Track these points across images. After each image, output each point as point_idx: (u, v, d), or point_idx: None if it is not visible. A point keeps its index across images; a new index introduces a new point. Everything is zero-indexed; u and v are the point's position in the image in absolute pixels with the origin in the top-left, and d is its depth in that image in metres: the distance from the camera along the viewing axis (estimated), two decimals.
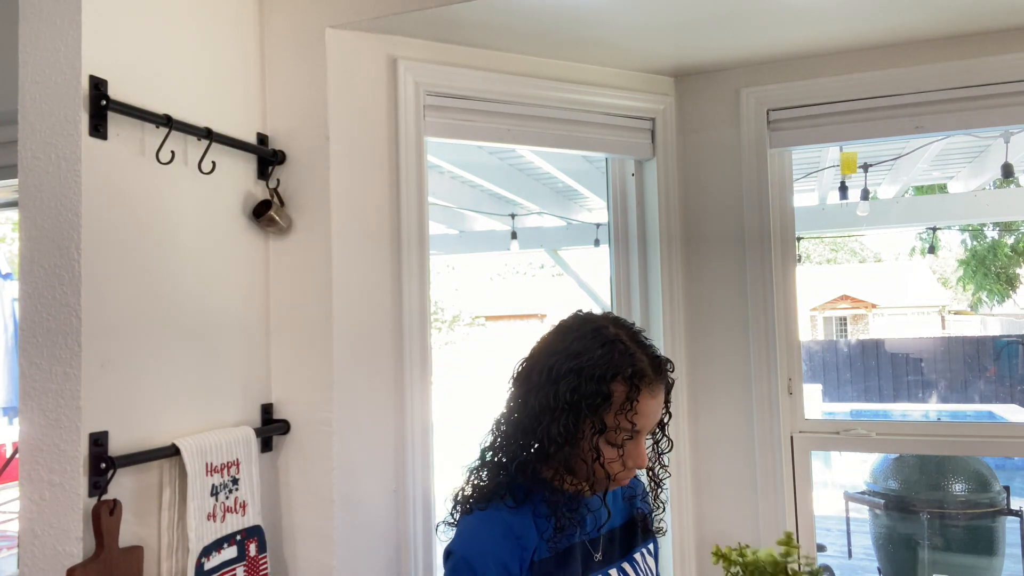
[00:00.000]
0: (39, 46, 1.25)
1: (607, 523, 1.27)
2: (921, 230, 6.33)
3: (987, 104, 1.78)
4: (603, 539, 1.28)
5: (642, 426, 1.18)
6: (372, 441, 1.62)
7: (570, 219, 5.51)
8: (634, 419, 1.15)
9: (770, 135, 1.94)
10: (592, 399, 1.14)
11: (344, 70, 1.62)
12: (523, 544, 1.16)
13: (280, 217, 1.58)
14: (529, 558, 1.15)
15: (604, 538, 1.28)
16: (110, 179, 1.27)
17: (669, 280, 1.98)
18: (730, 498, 1.95)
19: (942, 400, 10.69)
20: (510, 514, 1.18)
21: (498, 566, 1.12)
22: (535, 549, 1.16)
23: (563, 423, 1.15)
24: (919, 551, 3.64)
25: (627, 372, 1.16)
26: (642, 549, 1.34)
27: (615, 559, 1.28)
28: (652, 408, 1.19)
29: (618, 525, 1.32)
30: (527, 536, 1.17)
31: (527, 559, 1.15)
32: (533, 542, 1.16)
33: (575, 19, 1.64)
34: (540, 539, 1.17)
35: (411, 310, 1.66)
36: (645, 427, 1.19)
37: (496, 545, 1.15)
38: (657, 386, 1.19)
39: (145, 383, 1.32)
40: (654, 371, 1.19)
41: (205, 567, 1.33)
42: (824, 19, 1.68)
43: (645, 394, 1.16)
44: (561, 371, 1.17)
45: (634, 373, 1.16)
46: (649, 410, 1.18)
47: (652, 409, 1.19)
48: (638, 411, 1.15)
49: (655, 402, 1.19)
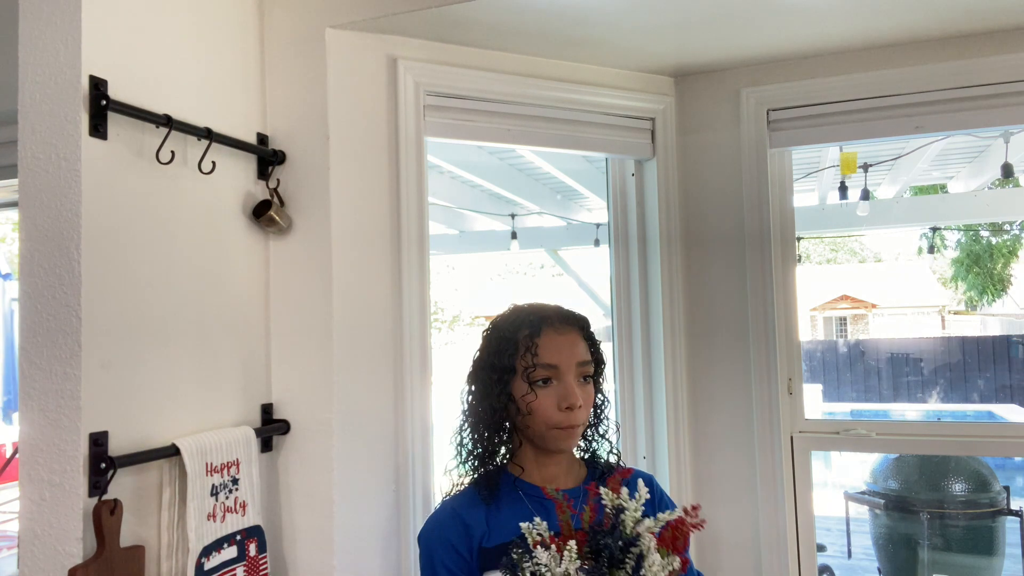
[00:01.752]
0: (39, 46, 1.25)
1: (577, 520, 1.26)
2: (924, 230, 6.33)
3: (987, 104, 1.78)
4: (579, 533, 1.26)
5: (553, 360, 1.26)
6: (372, 441, 1.62)
7: (570, 219, 5.51)
8: (539, 352, 1.26)
9: (770, 135, 1.94)
10: (502, 350, 1.29)
11: (344, 70, 1.62)
12: (470, 531, 1.27)
13: (280, 217, 1.58)
14: (476, 544, 1.26)
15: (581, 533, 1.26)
16: (110, 179, 1.27)
17: (669, 280, 1.98)
18: (730, 498, 1.95)
19: (942, 400, 10.69)
20: (464, 502, 1.31)
21: (447, 547, 1.27)
22: (482, 536, 1.26)
23: (492, 384, 1.29)
24: (919, 551, 3.64)
25: (531, 317, 1.30)
26: None
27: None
28: (559, 343, 1.27)
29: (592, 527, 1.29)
30: (474, 523, 1.28)
31: (474, 545, 1.26)
32: (480, 529, 1.27)
33: (575, 19, 1.64)
34: (487, 527, 1.27)
35: (411, 310, 1.66)
36: (560, 363, 1.26)
37: (446, 529, 1.29)
38: (563, 327, 1.30)
39: (145, 383, 1.32)
40: (559, 317, 1.31)
41: (205, 567, 1.33)
42: (824, 19, 1.68)
43: (547, 331, 1.27)
44: (482, 351, 1.35)
45: (535, 318, 1.30)
46: (555, 345, 1.26)
47: (559, 344, 1.27)
48: (540, 344, 1.26)
49: (563, 339, 1.28)
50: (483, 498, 1.30)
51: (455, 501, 1.33)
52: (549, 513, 1.25)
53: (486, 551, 1.25)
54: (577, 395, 1.25)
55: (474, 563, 1.25)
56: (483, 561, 1.24)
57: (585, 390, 1.28)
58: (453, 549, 1.26)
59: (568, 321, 1.32)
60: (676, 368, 1.97)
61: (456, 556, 1.26)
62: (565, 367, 1.26)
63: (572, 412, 1.25)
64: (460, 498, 1.33)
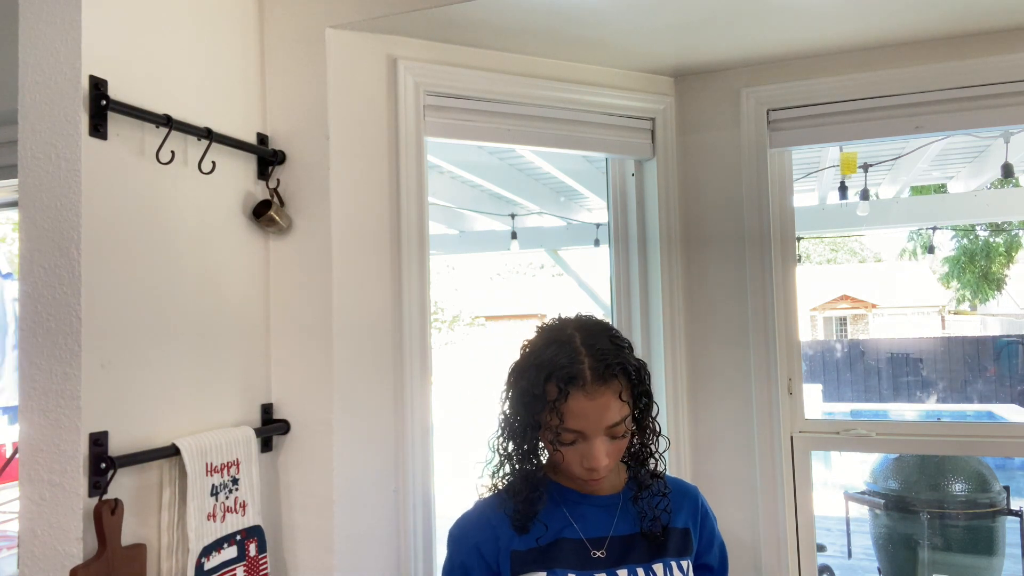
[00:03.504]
0: (39, 46, 1.25)
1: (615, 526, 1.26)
2: (914, 230, 6.34)
3: (987, 104, 1.78)
4: (614, 540, 1.25)
5: (579, 427, 1.17)
6: (372, 441, 1.62)
7: (570, 219, 5.51)
8: (564, 419, 1.17)
9: (770, 135, 1.94)
10: (529, 398, 1.20)
11: (344, 70, 1.62)
12: (497, 534, 1.24)
13: (280, 217, 1.58)
14: (506, 548, 1.23)
15: (617, 540, 1.25)
16: (110, 179, 1.27)
17: (669, 280, 1.98)
18: (730, 498, 1.95)
19: (942, 400, 10.69)
20: (495, 505, 1.28)
21: (471, 549, 1.25)
22: (511, 539, 1.23)
23: (519, 419, 1.23)
24: (919, 551, 3.64)
25: (560, 373, 1.17)
26: (671, 562, 1.26)
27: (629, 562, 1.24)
28: (587, 410, 1.17)
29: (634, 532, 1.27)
30: (501, 527, 1.25)
31: (503, 548, 1.23)
32: (507, 533, 1.24)
33: (575, 19, 1.64)
34: (520, 530, 1.24)
35: (411, 310, 1.66)
36: (587, 429, 1.17)
37: (474, 531, 1.27)
38: (596, 389, 1.17)
39: (145, 383, 1.32)
40: (594, 373, 1.17)
41: (205, 567, 1.33)
42: (824, 19, 1.68)
43: (577, 395, 1.16)
44: (519, 368, 1.25)
45: (566, 374, 1.17)
46: (583, 411, 1.17)
47: (587, 411, 1.17)
48: (566, 411, 1.17)
49: (592, 404, 1.17)
50: (520, 501, 1.25)
51: (487, 503, 1.30)
52: (587, 518, 1.25)
53: (519, 554, 1.23)
54: (601, 459, 1.19)
55: (502, 566, 1.23)
56: (516, 564, 1.22)
57: (615, 444, 1.22)
58: (476, 551, 1.25)
59: (604, 380, 1.17)
60: (676, 368, 1.97)
61: (478, 558, 1.24)
62: (592, 432, 1.18)
63: (595, 471, 1.20)
64: (493, 500, 1.30)
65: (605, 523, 1.26)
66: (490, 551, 1.24)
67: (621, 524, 1.26)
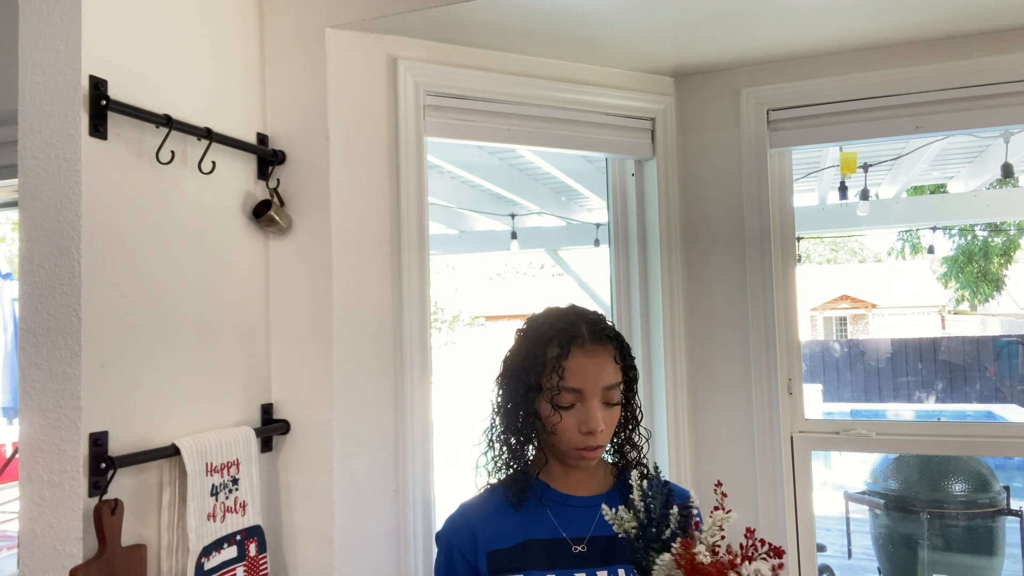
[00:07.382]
0: (39, 46, 1.25)
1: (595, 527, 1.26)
2: (903, 230, 6.33)
3: (987, 104, 1.78)
4: (596, 540, 1.25)
5: (578, 385, 1.22)
6: (372, 441, 1.62)
7: (570, 219, 5.51)
8: (564, 376, 1.21)
9: (770, 135, 1.94)
10: (530, 362, 1.25)
11: (344, 70, 1.62)
12: (476, 537, 1.27)
13: (280, 217, 1.58)
14: (484, 548, 1.25)
15: (600, 539, 1.25)
16: (110, 179, 1.27)
17: (669, 280, 1.98)
18: (730, 498, 1.93)
19: (942, 400, 10.69)
20: (478, 505, 1.31)
21: (451, 550, 1.29)
22: (490, 539, 1.26)
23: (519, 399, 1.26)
24: (919, 551, 3.64)
25: (561, 335, 1.24)
26: None
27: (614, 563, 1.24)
28: (586, 367, 1.22)
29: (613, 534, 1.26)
30: (483, 528, 1.27)
31: (479, 548, 1.26)
32: (487, 533, 1.26)
33: (575, 19, 1.64)
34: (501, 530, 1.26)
35: (411, 310, 1.66)
36: (585, 387, 1.22)
37: (452, 533, 1.30)
38: (594, 347, 1.24)
39: (145, 383, 1.32)
40: (591, 334, 1.24)
41: (205, 567, 1.33)
42: (824, 19, 1.68)
43: (576, 353, 1.22)
44: (514, 348, 1.31)
45: (566, 335, 1.24)
46: (582, 368, 1.22)
47: (586, 368, 1.22)
48: (566, 368, 1.22)
49: (591, 361, 1.23)
50: (508, 501, 1.29)
51: (469, 505, 1.33)
52: (569, 518, 1.26)
53: (500, 553, 1.24)
54: (599, 421, 1.22)
55: (479, 566, 1.25)
56: (495, 562, 1.24)
57: (610, 413, 1.25)
58: (459, 552, 1.28)
59: (600, 339, 1.25)
60: (676, 368, 1.97)
61: (462, 560, 1.28)
62: (590, 392, 1.22)
63: (592, 436, 1.23)
64: (476, 501, 1.33)
65: (586, 523, 1.27)
66: (470, 552, 1.27)
67: (603, 524, 1.24)
